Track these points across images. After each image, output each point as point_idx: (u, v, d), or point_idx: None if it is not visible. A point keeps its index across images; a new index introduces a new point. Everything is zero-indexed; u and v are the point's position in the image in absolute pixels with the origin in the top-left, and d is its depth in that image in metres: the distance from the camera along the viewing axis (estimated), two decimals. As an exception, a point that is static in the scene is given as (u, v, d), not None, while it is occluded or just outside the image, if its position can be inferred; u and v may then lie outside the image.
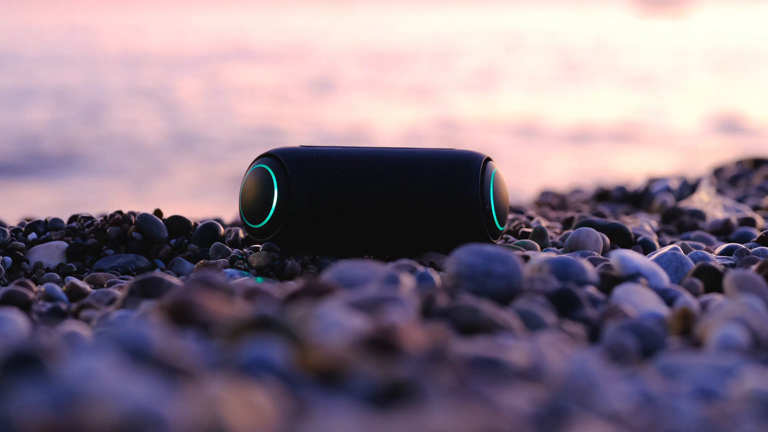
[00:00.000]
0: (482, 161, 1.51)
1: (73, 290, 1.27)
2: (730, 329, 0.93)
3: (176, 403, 0.63)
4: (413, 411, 0.67)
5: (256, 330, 0.79)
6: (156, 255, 1.52)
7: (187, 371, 0.70)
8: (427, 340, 0.80)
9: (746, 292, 1.07)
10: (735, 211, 1.99)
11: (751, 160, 2.72)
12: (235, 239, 1.57)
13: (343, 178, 1.46)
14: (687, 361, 0.87)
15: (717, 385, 0.82)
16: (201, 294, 0.88)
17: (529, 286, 1.05)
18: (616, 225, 1.62)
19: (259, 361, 0.74)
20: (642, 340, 0.95)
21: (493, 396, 0.70)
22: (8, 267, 1.48)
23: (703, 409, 0.76)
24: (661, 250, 1.35)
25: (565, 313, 1.02)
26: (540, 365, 0.79)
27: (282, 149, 1.48)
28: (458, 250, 1.05)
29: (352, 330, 0.81)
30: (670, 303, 1.10)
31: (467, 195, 1.48)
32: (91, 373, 0.65)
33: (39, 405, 0.61)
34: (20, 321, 1.02)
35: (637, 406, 0.76)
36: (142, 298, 1.10)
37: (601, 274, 1.13)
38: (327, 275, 1.02)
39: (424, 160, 1.49)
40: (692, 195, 2.17)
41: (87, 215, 1.58)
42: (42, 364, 0.68)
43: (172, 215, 1.58)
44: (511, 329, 0.93)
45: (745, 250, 1.47)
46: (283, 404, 0.67)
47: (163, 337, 0.73)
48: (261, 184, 1.46)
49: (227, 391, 0.66)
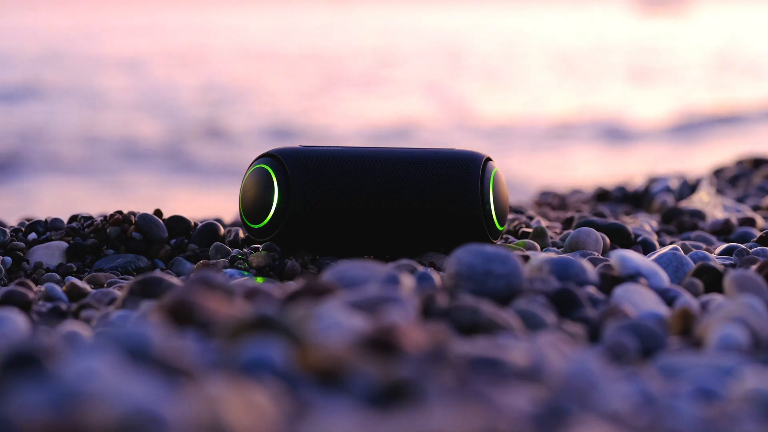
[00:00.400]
0: (482, 161, 1.51)
1: (73, 290, 1.27)
2: (730, 329, 0.93)
3: (176, 403, 0.63)
4: (413, 411, 0.67)
5: (256, 330, 0.79)
6: (156, 255, 1.52)
7: (187, 371, 0.70)
8: (427, 340, 0.80)
9: (746, 292, 1.07)
10: (735, 211, 1.99)
11: (751, 160, 2.72)
12: (235, 239, 1.57)
13: (343, 178, 1.46)
14: (687, 361, 0.87)
15: (717, 385, 0.82)
16: (201, 294, 0.88)
17: (529, 286, 1.05)
18: (616, 225, 1.62)
19: (259, 361, 0.74)
20: (642, 340, 0.95)
21: (493, 396, 0.70)
22: (8, 267, 1.48)
23: (703, 409, 0.76)
24: (661, 250, 1.35)
25: (565, 313, 1.02)
26: (540, 365, 0.79)
27: (282, 149, 1.48)
28: (458, 250, 1.05)
29: (352, 330, 0.81)
30: (670, 303, 1.10)
31: (467, 195, 1.48)
32: (91, 373, 0.65)
33: (39, 405, 0.61)
34: (20, 321, 1.02)
35: (637, 406, 0.76)
36: (142, 298, 1.10)
37: (601, 274, 1.13)
38: (327, 275, 1.02)
39: (424, 160, 1.49)
40: (692, 195, 2.17)
41: (87, 215, 1.58)
42: (42, 364, 0.68)
43: (172, 215, 1.58)
44: (511, 329, 0.93)
45: (745, 250, 1.47)
46: (283, 404, 0.67)
47: (163, 337, 0.73)
48: (261, 185, 1.46)
49: (227, 391, 0.66)
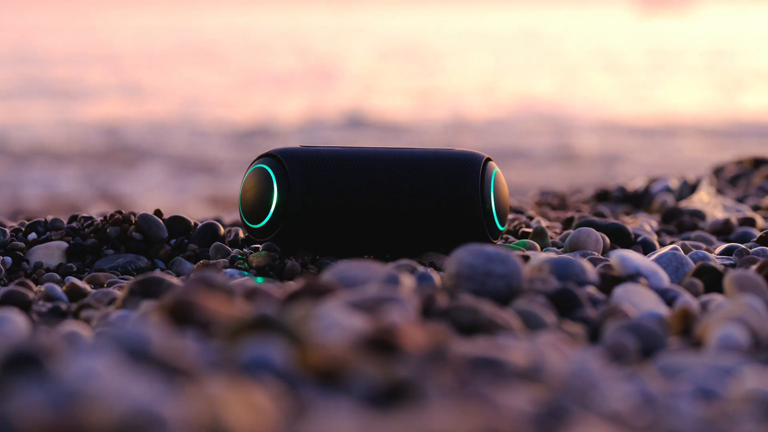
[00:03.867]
0: (482, 161, 1.51)
1: (73, 290, 1.27)
2: (730, 329, 0.93)
3: (176, 403, 0.63)
4: (413, 411, 0.67)
5: (256, 330, 0.79)
6: (156, 255, 1.52)
7: (187, 371, 0.70)
8: (427, 340, 0.80)
9: (746, 292, 1.07)
10: (735, 211, 1.99)
11: (751, 160, 2.71)
12: (235, 239, 1.57)
13: (343, 178, 1.46)
14: (687, 361, 0.87)
15: (717, 385, 0.82)
16: (201, 294, 0.88)
17: (529, 286, 1.05)
18: (616, 225, 1.62)
19: (259, 361, 0.74)
20: (642, 340, 0.95)
21: (493, 396, 0.70)
22: (8, 267, 1.48)
23: (703, 409, 0.76)
24: (661, 250, 1.35)
25: (565, 313, 1.02)
26: (540, 365, 0.79)
27: (282, 149, 1.48)
28: (458, 250, 1.05)
29: (352, 330, 0.81)
30: (670, 303, 1.10)
31: (467, 195, 1.48)
32: (91, 373, 0.65)
33: (39, 405, 0.61)
34: (20, 321, 1.02)
35: (637, 406, 0.76)
36: (142, 298, 1.10)
37: (601, 274, 1.13)
38: (327, 275, 1.02)
39: (424, 160, 1.49)
40: (692, 195, 2.17)
41: (87, 215, 1.58)
42: (42, 364, 0.68)
43: (172, 215, 1.58)
44: (511, 329, 0.93)
45: (745, 250, 1.47)
46: (283, 404, 0.67)
47: (163, 337, 0.73)
48: (261, 184, 1.46)
49: (227, 391, 0.66)
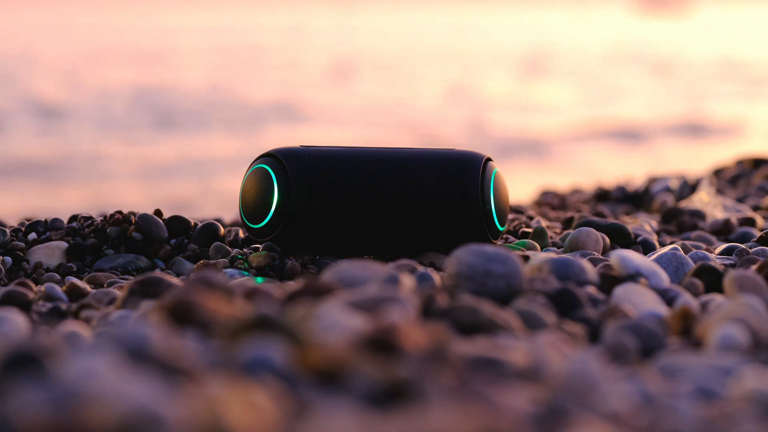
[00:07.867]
0: (482, 161, 1.51)
1: (73, 290, 1.27)
2: (730, 329, 0.93)
3: (176, 403, 0.63)
4: (413, 411, 0.67)
5: (256, 330, 0.79)
6: (156, 255, 1.52)
7: (187, 371, 0.70)
8: (427, 340, 0.80)
9: (746, 292, 1.07)
10: (735, 211, 1.99)
11: (751, 160, 2.71)
12: (235, 239, 1.57)
13: (343, 178, 1.46)
14: (687, 361, 0.87)
15: (717, 385, 0.82)
16: (201, 294, 0.88)
17: (529, 286, 1.05)
18: (616, 225, 1.62)
19: (259, 361, 0.74)
20: (642, 340, 0.95)
21: (493, 396, 0.70)
22: (8, 267, 1.48)
23: (703, 409, 0.76)
24: (661, 250, 1.35)
25: (565, 313, 1.02)
26: (540, 365, 0.79)
27: (282, 149, 1.48)
28: (458, 250, 1.05)
29: (352, 330, 0.81)
30: (670, 303, 1.10)
31: (467, 195, 1.48)
32: (91, 373, 0.65)
33: (39, 405, 0.61)
34: (20, 321, 1.02)
35: (637, 406, 0.76)
36: (142, 298, 1.10)
37: (601, 274, 1.13)
38: (327, 275, 1.02)
39: (424, 161, 1.49)
40: (692, 195, 2.17)
41: (87, 215, 1.58)
42: (42, 364, 0.68)
43: (172, 215, 1.58)
44: (511, 329, 0.93)
45: (745, 250, 1.47)
46: (283, 404, 0.67)
47: (163, 337, 0.73)
48: (261, 184, 1.46)
49: (227, 391, 0.66)
